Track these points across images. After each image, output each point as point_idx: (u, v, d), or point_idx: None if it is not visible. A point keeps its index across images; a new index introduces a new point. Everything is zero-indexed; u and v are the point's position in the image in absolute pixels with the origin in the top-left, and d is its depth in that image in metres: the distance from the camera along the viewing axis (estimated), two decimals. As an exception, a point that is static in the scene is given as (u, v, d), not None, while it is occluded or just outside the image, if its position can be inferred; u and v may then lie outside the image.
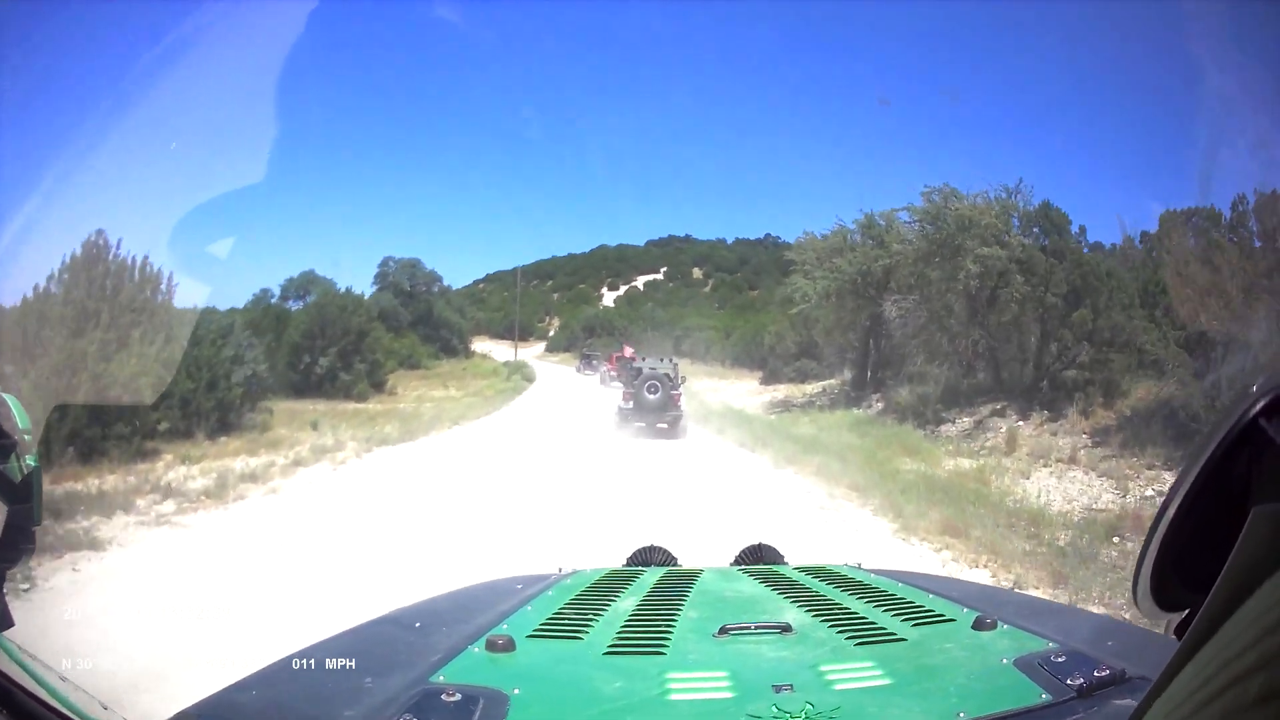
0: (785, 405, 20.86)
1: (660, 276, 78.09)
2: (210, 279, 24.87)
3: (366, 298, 36.91)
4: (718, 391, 26.57)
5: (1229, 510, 0.58)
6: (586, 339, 47.95)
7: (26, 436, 1.02)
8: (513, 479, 9.52)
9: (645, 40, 59.14)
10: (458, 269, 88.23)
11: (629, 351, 28.32)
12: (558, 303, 74.33)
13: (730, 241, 77.54)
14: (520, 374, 30.17)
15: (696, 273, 77.82)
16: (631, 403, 16.57)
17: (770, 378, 29.43)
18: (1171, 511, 0.63)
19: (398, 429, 14.50)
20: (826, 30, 49.75)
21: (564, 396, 24.73)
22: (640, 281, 77.34)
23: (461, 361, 36.22)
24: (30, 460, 1.02)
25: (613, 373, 30.61)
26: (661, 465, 11.32)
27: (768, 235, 73.25)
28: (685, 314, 49.27)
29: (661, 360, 18.76)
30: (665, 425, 16.50)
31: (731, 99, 61.35)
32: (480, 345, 45.77)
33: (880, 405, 17.44)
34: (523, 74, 59.65)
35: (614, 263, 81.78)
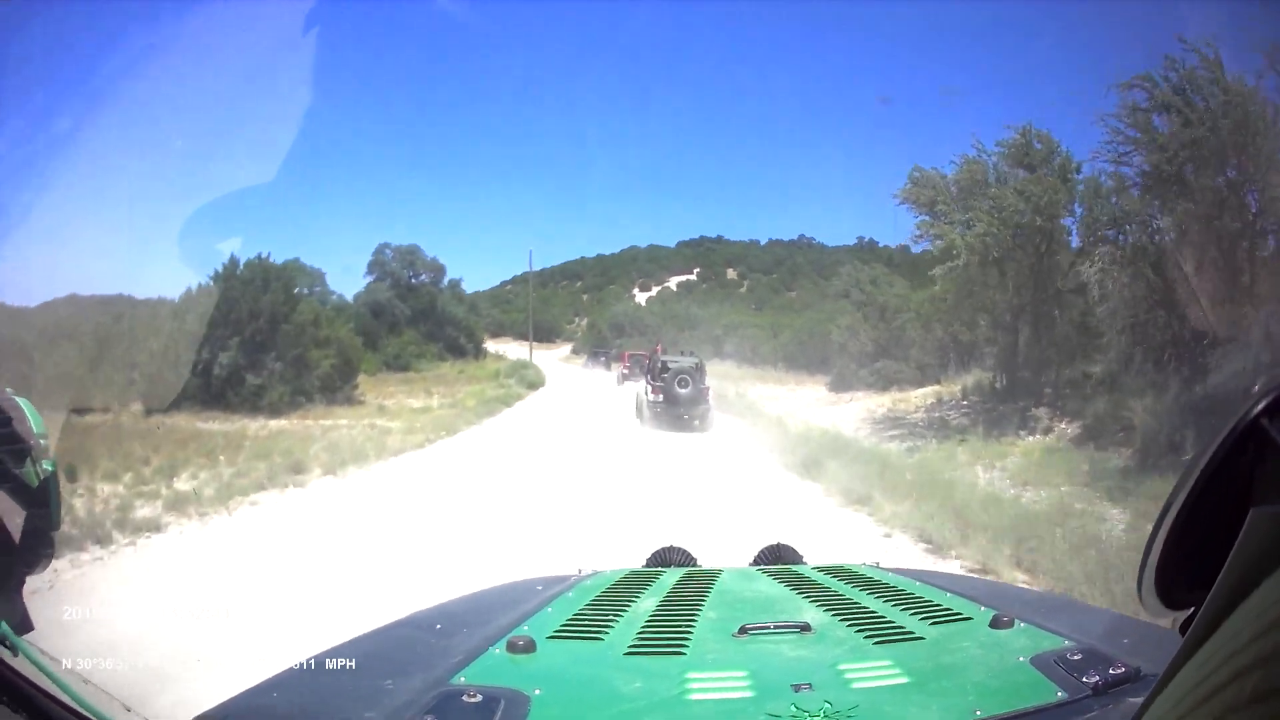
0: (900, 426, 13.75)
1: (693, 277, 72.62)
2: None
3: (359, 291, 30.93)
4: (778, 400, 19.69)
5: (1232, 510, 0.56)
6: (616, 339, 41.68)
7: (43, 441, 0.98)
8: None
9: (672, 39, 53.07)
10: (484, 270, 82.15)
11: (660, 349, 24.72)
12: (587, 304, 69.18)
13: (764, 242, 71.73)
14: (520, 377, 23.55)
15: (731, 273, 72.06)
16: (661, 396, 15.94)
17: (840, 383, 22.50)
18: (1175, 511, 0.62)
19: (205, 488, 7.86)
20: (860, 28, 43.76)
21: (567, 409, 18.02)
22: (673, 282, 71.85)
23: (468, 363, 29.88)
24: (47, 465, 0.98)
25: (625, 369, 26.27)
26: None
27: (802, 236, 67.38)
28: (724, 312, 42.69)
29: (682, 355, 18.77)
30: (694, 419, 15.91)
31: (762, 98, 55.14)
32: (504, 346, 39.76)
33: (1070, 428, 10.47)
34: (548, 73, 53.80)
35: (645, 263, 76.36)
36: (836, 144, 54.32)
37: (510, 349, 40.38)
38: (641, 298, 67.69)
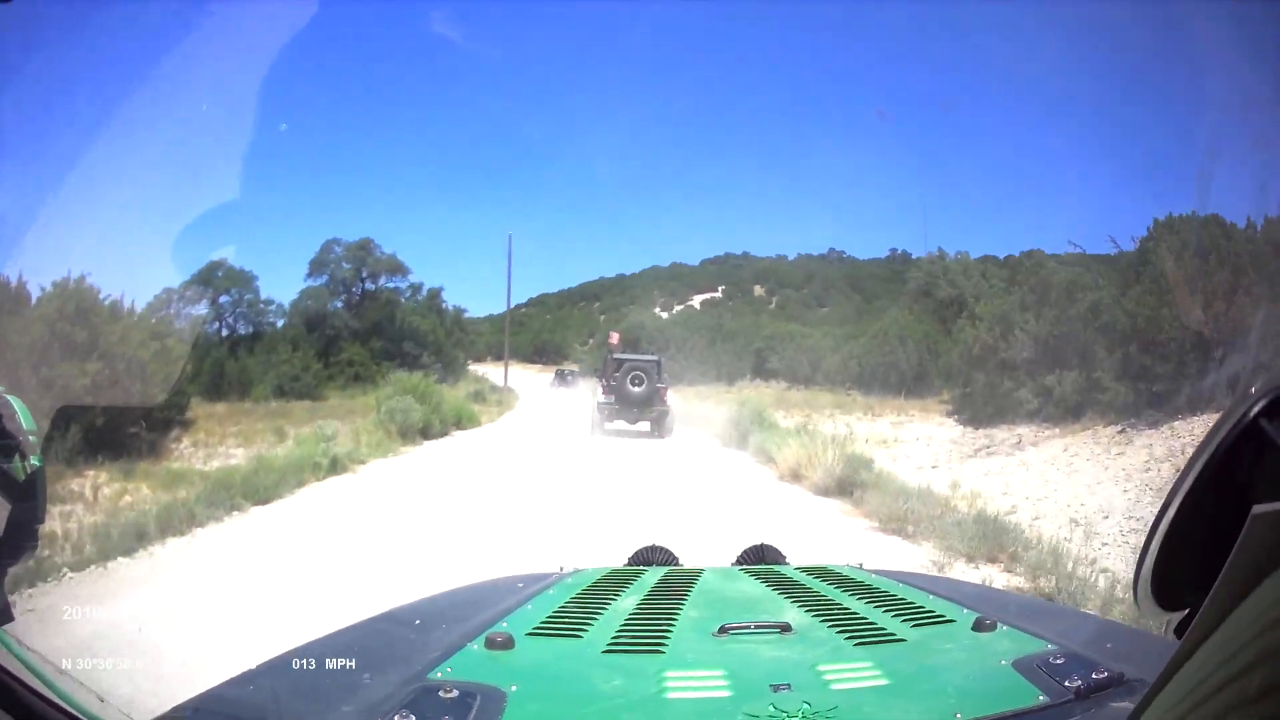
0: None
1: (719, 294, 65.50)
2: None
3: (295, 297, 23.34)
4: (892, 447, 11.14)
5: (1230, 510, 0.55)
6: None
7: (31, 438, 0.98)
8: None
9: (692, 54, 46.19)
10: (496, 294, 74.89)
11: (614, 339, 21.74)
12: (604, 324, 62.43)
13: (792, 257, 64.22)
14: (402, 417, 13.52)
15: (758, 290, 64.85)
16: (613, 397, 14.32)
17: (974, 411, 14.00)
18: (1172, 511, 0.60)
19: None
20: (881, 37, 38.26)
21: (470, 507, 7.20)
22: (697, 300, 64.66)
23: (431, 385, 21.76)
24: (35, 460, 0.98)
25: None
26: None
27: (832, 250, 60.03)
28: (765, 322, 34.59)
29: (641, 355, 17.07)
30: (649, 424, 14.24)
31: (786, 110, 48.32)
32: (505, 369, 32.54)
33: None
34: (563, 90, 46.48)
35: (667, 281, 69.33)
36: (863, 155, 47.47)
37: (515, 371, 34.16)
38: (664, 318, 61.10)
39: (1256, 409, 0.54)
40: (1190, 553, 0.59)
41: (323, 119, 34.36)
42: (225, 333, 21.60)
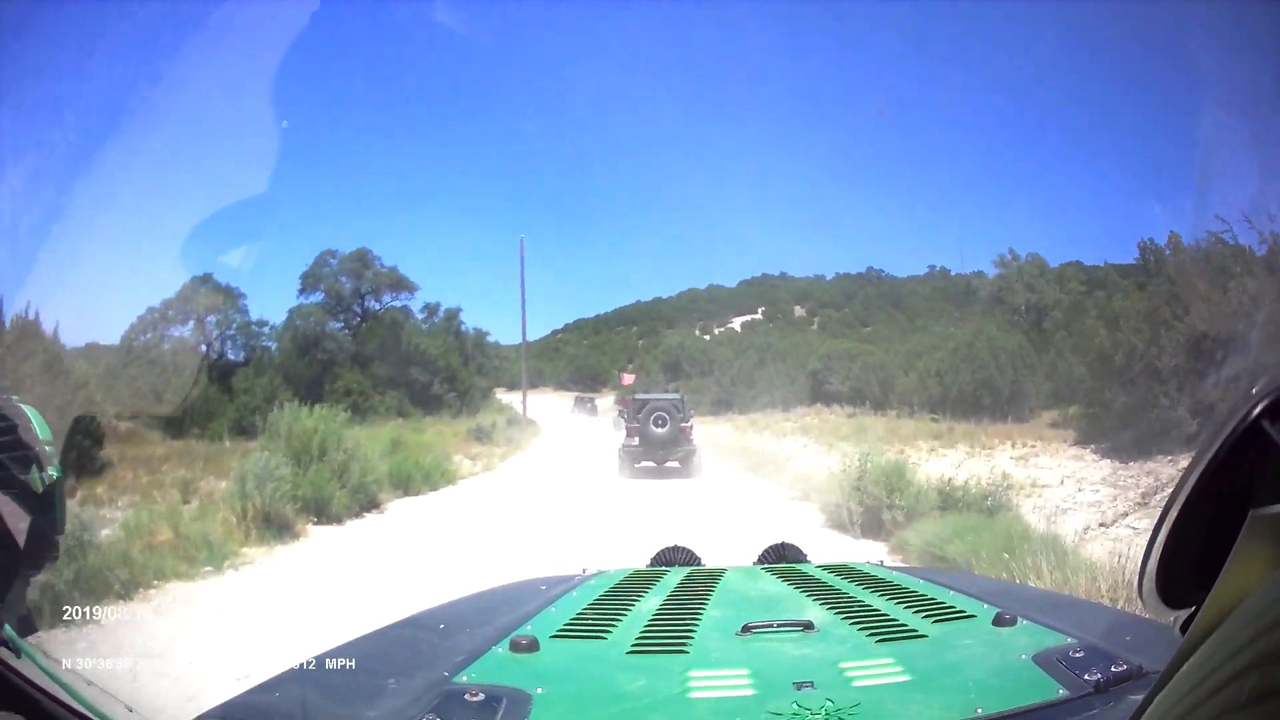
0: None
1: (759, 316, 62.96)
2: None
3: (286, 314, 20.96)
4: (1033, 495, 7.98)
5: (1233, 510, 0.55)
6: (669, 382, 30.71)
7: (48, 448, 0.96)
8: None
9: (721, 74, 44.19)
10: (532, 320, 72.69)
11: (628, 380, 21.29)
12: (642, 349, 60.44)
13: (830, 277, 61.47)
14: (339, 474, 8.72)
15: (799, 311, 62.16)
16: (637, 439, 13.64)
17: (1107, 436, 10.71)
18: (1176, 510, 0.59)
19: None
20: (910, 54, 36.16)
21: None
22: (737, 322, 62.27)
23: (438, 420, 19.33)
24: (53, 471, 0.96)
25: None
26: None
27: (870, 268, 57.22)
28: (813, 342, 31.59)
29: (665, 392, 17.19)
30: (676, 463, 13.63)
31: (818, 127, 45.74)
32: (538, 397, 30.91)
33: None
34: (593, 114, 44.68)
35: (705, 304, 67.10)
36: (899, 170, 45.05)
37: (545, 400, 32.86)
38: (705, 339, 59.00)
39: (1258, 410, 0.53)
40: (1194, 551, 0.58)
41: (324, 124, 32.46)
42: (214, 357, 19.26)
